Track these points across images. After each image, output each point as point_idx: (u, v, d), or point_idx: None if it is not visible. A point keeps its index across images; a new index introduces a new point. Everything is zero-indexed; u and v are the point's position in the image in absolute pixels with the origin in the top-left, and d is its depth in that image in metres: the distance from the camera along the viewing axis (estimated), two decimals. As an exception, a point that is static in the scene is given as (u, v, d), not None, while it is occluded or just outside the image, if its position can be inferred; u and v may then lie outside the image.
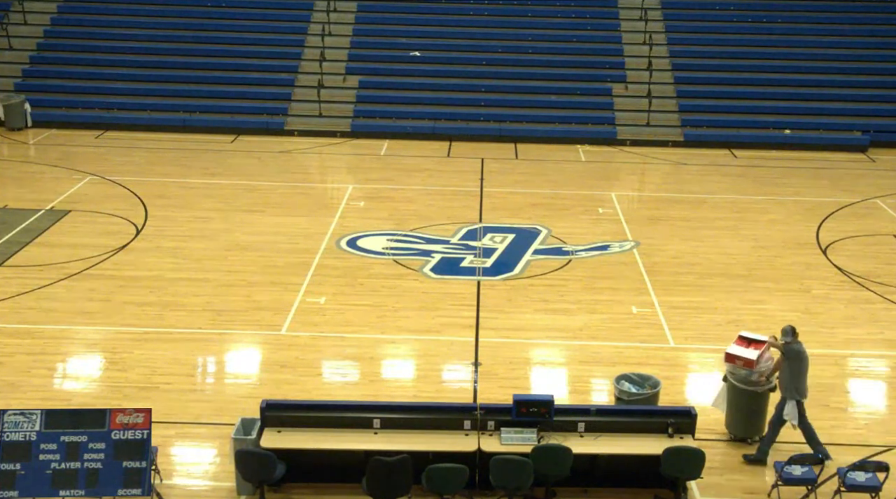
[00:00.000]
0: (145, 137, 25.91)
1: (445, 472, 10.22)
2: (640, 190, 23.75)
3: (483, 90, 28.24)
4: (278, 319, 15.15)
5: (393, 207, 20.84)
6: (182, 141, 25.73)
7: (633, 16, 30.90)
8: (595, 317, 15.53)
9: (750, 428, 11.96)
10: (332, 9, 30.61)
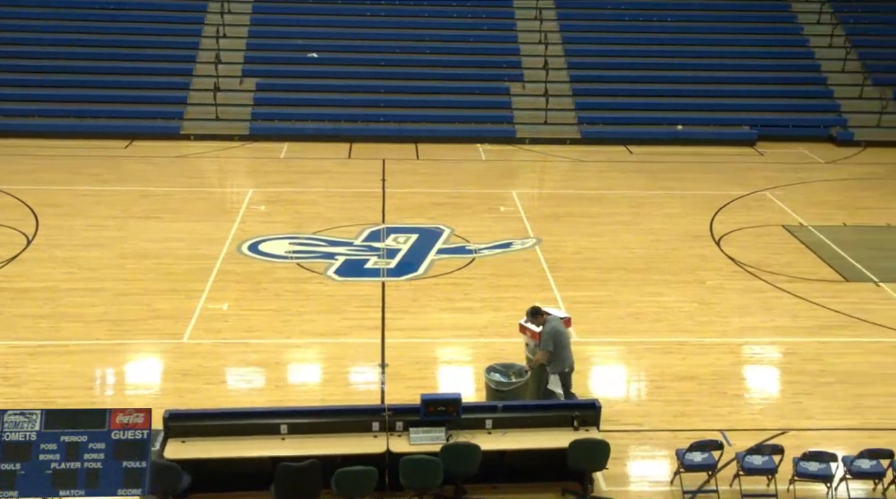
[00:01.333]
0: (35, 144, 25.07)
1: (355, 475, 10.17)
2: (541, 187, 24.08)
3: (382, 91, 28.22)
4: (179, 327, 14.84)
5: (294, 210, 20.65)
6: (73, 147, 24.98)
7: (528, 15, 31.32)
8: (500, 314, 15.67)
9: None
10: (226, 10, 30.15)
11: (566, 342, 12.09)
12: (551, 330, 12.01)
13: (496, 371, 12.22)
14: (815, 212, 21.38)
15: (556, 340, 11.98)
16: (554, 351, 11.98)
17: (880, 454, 10.90)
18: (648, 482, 11.29)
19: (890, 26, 32.46)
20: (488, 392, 12.23)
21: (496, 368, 12.29)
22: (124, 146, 25.44)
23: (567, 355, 12.12)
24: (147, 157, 24.52)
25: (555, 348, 11.97)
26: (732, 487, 10.95)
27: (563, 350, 12.08)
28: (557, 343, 11.98)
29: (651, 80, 29.36)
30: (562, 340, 12.02)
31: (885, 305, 16.47)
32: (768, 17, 32.31)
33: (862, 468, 10.90)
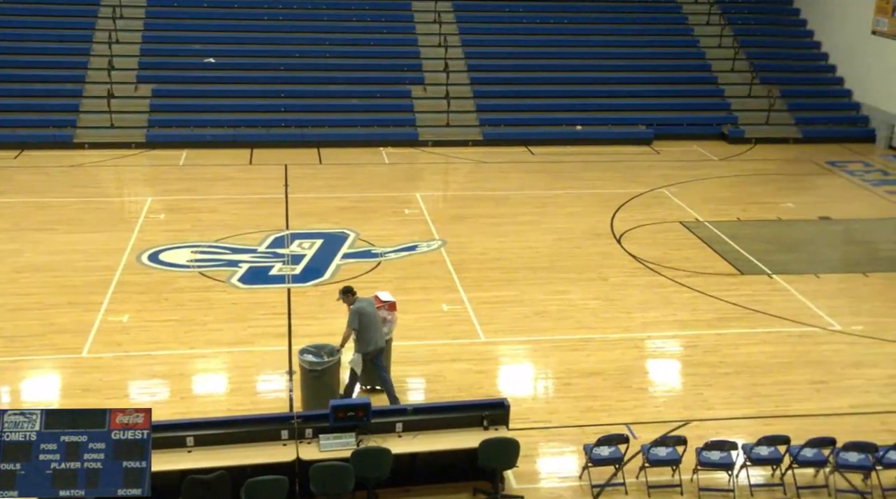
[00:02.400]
0: (-83, 156, 24.04)
1: (265, 484, 10.06)
2: (445, 189, 24.20)
3: (283, 96, 27.95)
4: (78, 341, 14.42)
5: (196, 217, 20.28)
6: (-40, 158, 24.04)
7: (427, 18, 31.43)
8: (407, 316, 15.67)
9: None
10: (118, 15, 29.40)
11: (371, 323, 12.45)
12: (357, 309, 12.45)
13: (308, 353, 12.39)
14: (711, 208, 22.03)
15: (361, 320, 12.36)
16: (359, 330, 12.36)
17: (777, 441, 11.31)
18: (558, 478, 11.47)
19: (776, 27, 33.70)
20: (302, 374, 12.41)
21: (308, 349, 12.46)
22: (14, 156, 24.59)
23: (372, 336, 12.45)
24: (39, 166, 23.75)
25: (360, 328, 12.36)
26: (639, 479, 11.21)
27: (368, 331, 12.44)
28: (362, 323, 12.37)
29: (550, 82, 29.80)
30: (366, 320, 12.41)
31: (778, 296, 17.08)
32: (661, 18, 33.14)
33: (761, 455, 11.29)
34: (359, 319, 12.38)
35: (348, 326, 12.43)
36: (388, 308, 13.17)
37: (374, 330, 12.51)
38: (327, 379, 12.33)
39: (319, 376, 12.24)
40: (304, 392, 12.48)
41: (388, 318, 13.15)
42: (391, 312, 13.18)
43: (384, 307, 13.15)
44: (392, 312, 13.19)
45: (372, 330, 12.49)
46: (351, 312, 12.50)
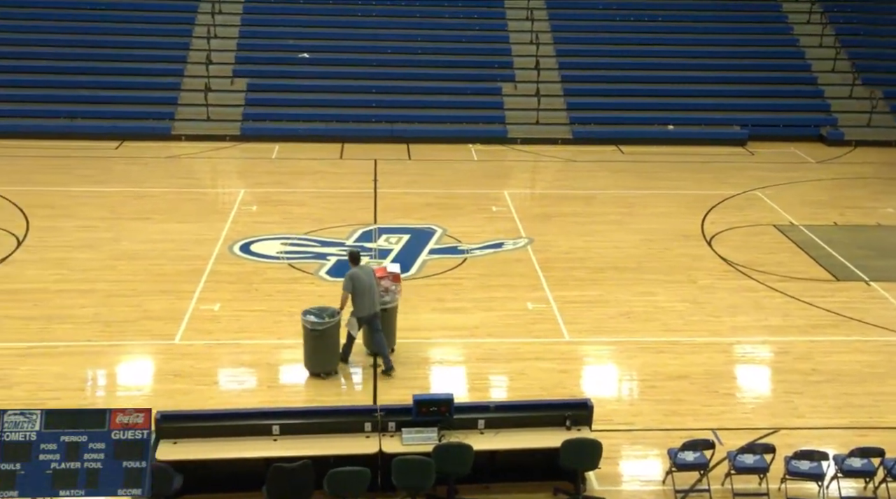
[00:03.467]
0: (25, 145, 24.97)
1: (347, 475, 10.17)
2: (532, 187, 24.11)
3: (374, 91, 28.21)
4: (171, 328, 14.81)
5: (286, 210, 20.62)
6: (64, 148, 24.90)
7: (519, 16, 31.34)
8: (491, 314, 15.68)
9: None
10: (217, 10, 30.08)
11: (364, 290, 13.20)
12: (350, 274, 13.26)
13: (311, 314, 13.23)
14: (806, 211, 21.45)
15: (354, 285, 13.16)
16: (353, 295, 13.20)
17: (871, 453, 10.94)
18: (640, 482, 11.32)
19: (879, 26, 32.61)
20: (305, 333, 13.25)
21: (312, 311, 13.30)
22: (115, 147, 25.38)
23: (366, 302, 13.24)
24: (138, 158, 24.46)
25: (354, 293, 13.18)
26: (724, 486, 10.98)
27: (361, 297, 13.23)
28: (355, 288, 13.17)
29: (642, 80, 29.42)
30: (359, 285, 13.18)
31: (875, 304, 16.53)
32: (759, 16, 32.40)
33: (853, 467, 10.94)
34: (352, 283, 13.16)
35: (343, 289, 13.29)
36: (392, 279, 13.98)
37: (367, 296, 13.25)
38: (328, 338, 13.23)
39: (320, 335, 13.11)
40: (307, 350, 13.36)
41: (392, 288, 13.95)
42: (395, 282, 13.99)
43: (388, 277, 13.95)
44: (396, 283, 13.99)
45: (366, 296, 13.23)
46: (346, 277, 13.29)
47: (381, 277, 13.79)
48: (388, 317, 13.91)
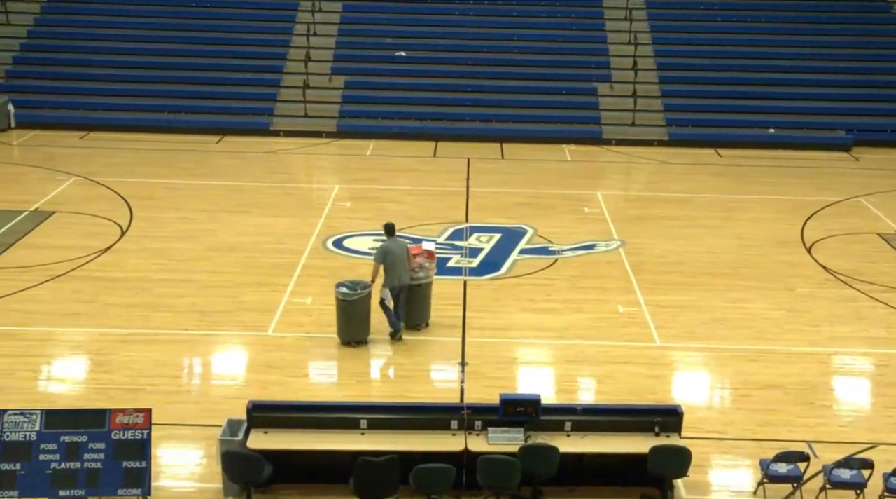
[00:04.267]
0: (130, 138, 25.80)
1: (433, 472, 10.22)
2: (626, 189, 23.83)
3: (469, 90, 28.26)
4: (265, 320, 15.11)
5: (379, 207, 20.82)
6: (167, 142, 25.64)
7: (617, 15, 31.00)
8: (581, 316, 15.56)
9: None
10: (317, 9, 30.57)
11: (396, 262, 13.98)
12: (383, 247, 14.09)
13: (344, 286, 14.06)
14: (913, 220, 20.69)
15: (386, 258, 13.97)
16: (385, 267, 13.98)
17: (976, 473, 10.49)
18: (730, 492, 11.08)
19: None
20: (337, 303, 14.07)
21: (345, 284, 14.13)
22: (216, 141, 26.02)
23: (397, 274, 14.03)
24: (237, 152, 25.03)
25: (386, 265, 13.97)
26: (818, 500, 10.67)
27: (393, 268, 14.02)
28: (387, 260, 13.97)
29: (742, 82, 28.77)
30: (391, 258, 13.99)
31: None
32: (866, 17, 31.37)
33: (956, 487, 10.50)
34: (383, 256, 13.99)
35: (374, 260, 14.16)
36: (427, 256, 14.69)
37: (398, 268, 14.02)
38: (359, 308, 14.05)
39: (351, 306, 14.00)
40: (339, 320, 14.21)
41: (426, 265, 14.65)
42: (430, 259, 14.70)
43: (423, 254, 14.66)
44: (430, 260, 14.72)
45: (396, 268, 14.01)
46: (378, 249, 14.17)
47: (416, 253, 14.52)
48: (423, 292, 14.65)
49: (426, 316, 14.82)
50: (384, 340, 14.58)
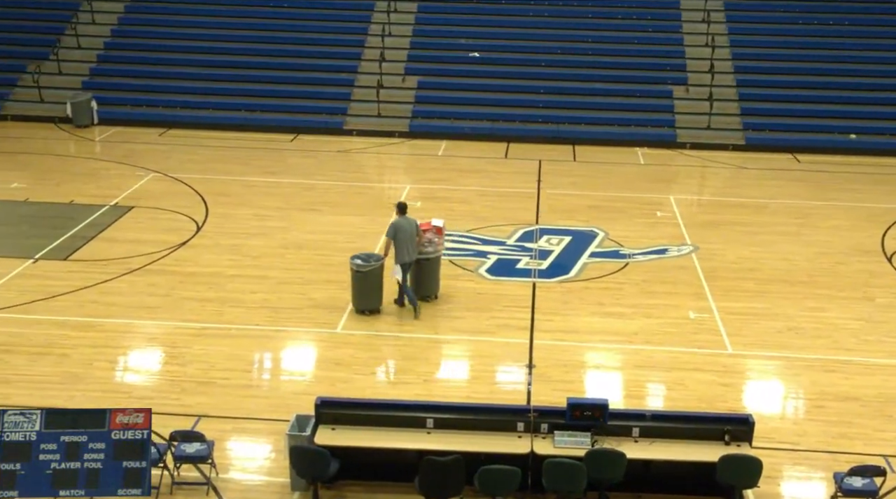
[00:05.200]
0: (207, 136, 26.29)
1: (498, 473, 10.20)
2: (700, 194, 23.47)
3: (542, 91, 28.14)
4: (334, 318, 15.25)
5: (449, 207, 20.86)
6: (243, 139, 26.06)
7: (695, 17, 30.55)
8: (651, 321, 15.38)
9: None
10: (392, 9, 30.76)
11: (405, 239, 14.90)
12: (394, 223, 14.97)
13: (359, 258, 15.13)
14: None
15: (396, 234, 14.86)
16: (395, 243, 14.87)
17: None
18: (802, 505, 10.84)
19: None
20: (352, 274, 15.11)
21: (360, 256, 15.22)
22: (290, 140, 26.36)
23: (405, 250, 14.96)
24: (311, 151, 25.31)
25: (396, 241, 14.86)
26: (894, 516, 10.38)
27: (401, 244, 14.94)
28: (397, 237, 14.87)
29: (823, 86, 28.09)
30: (400, 235, 14.89)
31: None
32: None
33: None
34: (394, 232, 14.88)
35: (385, 235, 15.12)
36: (436, 232, 15.69)
37: (407, 244, 14.94)
38: (371, 279, 15.11)
39: (365, 276, 15.03)
40: (353, 290, 15.27)
41: (434, 239, 15.61)
42: (438, 235, 15.70)
43: (431, 230, 15.65)
44: (439, 235, 15.73)
45: (405, 244, 14.92)
46: (390, 225, 15.06)
47: (426, 229, 15.51)
48: (431, 266, 15.66)
49: (435, 289, 15.80)
50: (451, 340, 14.61)
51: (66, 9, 31.01)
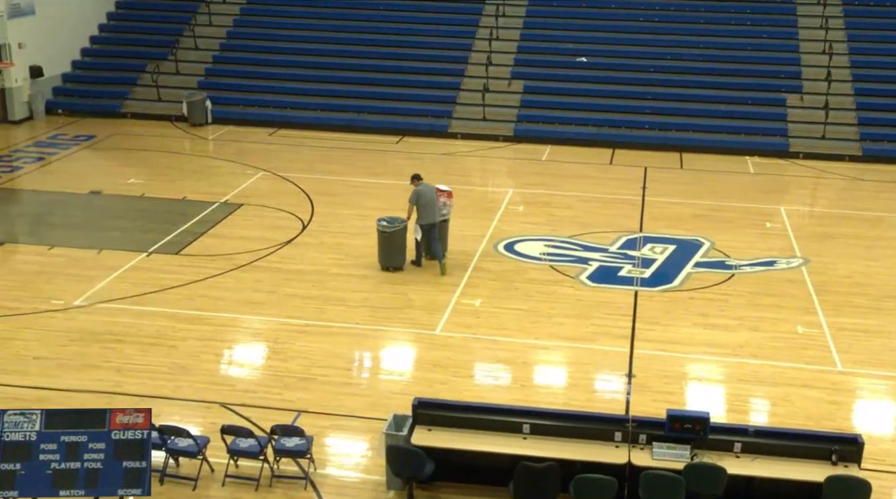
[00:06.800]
0: (314, 136, 26.77)
1: (594, 483, 10.08)
2: (812, 205, 22.76)
3: (649, 97, 27.73)
4: (433, 319, 15.34)
5: (550, 212, 20.74)
6: (349, 140, 26.44)
7: (812, 24, 29.65)
8: (757, 334, 14.98)
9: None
10: (500, 13, 30.78)
11: (427, 203, 16.73)
12: (416, 190, 16.83)
13: (384, 221, 16.95)
14: None
15: (419, 200, 16.70)
16: (418, 207, 16.72)
17: None
18: (913, 532, 10.40)
19: None
20: (378, 235, 16.92)
21: (385, 219, 17.00)
22: (395, 142, 26.62)
23: (428, 213, 16.77)
24: (415, 153, 25.50)
25: (418, 206, 16.71)
26: None
27: (425, 208, 16.75)
28: (420, 202, 16.70)
29: (947, 96, 26.93)
30: (422, 200, 16.73)
31: None
32: None
33: None
34: (417, 198, 16.69)
35: (409, 201, 16.82)
36: (447, 196, 17.26)
37: (429, 209, 16.73)
38: (396, 239, 16.90)
39: (390, 237, 16.84)
40: (380, 249, 17.07)
41: (447, 202, 17.30)
42: (449, 198, 17.29)
43: (443, 195, 17.22)
44: (449, 199, 17.30)
45: (428, 209, 16.72)
46: (412, 192, 16.79)
47: (438, 194, 17.02)
48: (443, 226, 17.36)
49: (444, 247, 17.44)
50: (550, 346, 14.52)
51: (186, 11, 32.04)
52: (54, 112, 28.61)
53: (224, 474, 11.03)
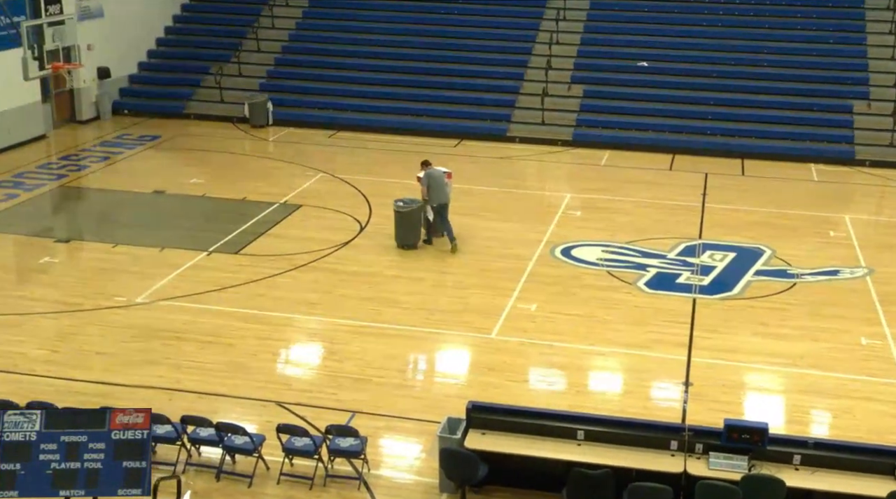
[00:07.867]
0: (372, 138, 26.92)
1: (649, 491, 9.97)
2: (878, 214, 22.26)
3: (711, 103, 27.38)
4: (489, 323, 15.32)
5: (608, 218, 20.59)
6: (407, 143, 26.53)
7: (881, 29, 29.01)
8: (819, 345, 14.69)
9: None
10: (561, 17, 30.65)
11: (438, 185, 18.02)
12: (427, 173, 18.12)
13: (401, 201, 18.15)
14: None
15: (430, 183, 17.96)
16: (430, 189, 17.94)
17: None
18: (979, 552, 10.08)
19: None
20: (395, 215, 18.24)
21: (402, 200, 18.21)
22: (454, 145, 26.65)
23: (440, 195, 18.05)
24: (473, 156, 25.50)
25: (429, 188, 17.94)
26: None
27: (436, 191, 18.01)
28: (431, 184, 17.97)
29: None
30: (433, 182, 17.99)
31: None
32: None
33: None
34: (427, 180, 18.00)
35: (421, 184, 18.19)
36: (447, 177, 18.48)
37: (439, 190, 18.04)
38: (412, 217, 18.20)
39: (406, 216, 18.12)
40: (396, 228, 18.29)
41: (451, 184, 18.62)
42: (448, 180, 18.49)
43: (445, 176, 18.40)
44: (449, 180, 18.50)
45: (438, 190, 18.02)
46: (423, 176, 18.13)
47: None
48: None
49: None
50: (606, 352, 14.41)
51: (249, 14, 32.48)
52: (120, 112, 29.22)
53: (279, 472, 11.15)
